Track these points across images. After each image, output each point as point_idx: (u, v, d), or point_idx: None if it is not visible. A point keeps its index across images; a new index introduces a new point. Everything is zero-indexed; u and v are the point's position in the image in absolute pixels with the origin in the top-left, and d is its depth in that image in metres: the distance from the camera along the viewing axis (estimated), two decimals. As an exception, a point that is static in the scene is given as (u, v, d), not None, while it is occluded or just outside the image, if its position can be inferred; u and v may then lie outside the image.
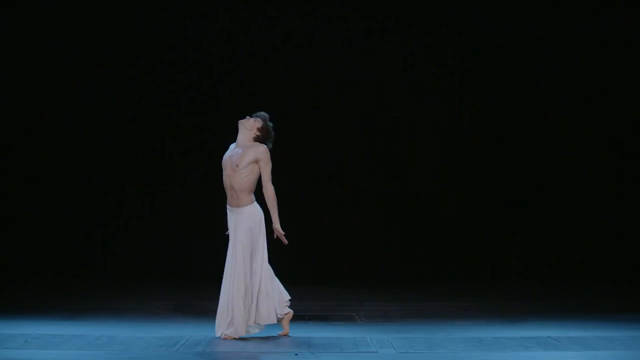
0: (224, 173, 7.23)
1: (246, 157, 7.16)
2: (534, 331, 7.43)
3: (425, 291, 10.81)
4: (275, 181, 7.33)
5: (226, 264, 7.15)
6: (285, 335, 7.30)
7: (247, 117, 7.35)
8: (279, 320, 7.27)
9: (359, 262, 12.38)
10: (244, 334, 7.02)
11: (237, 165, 7.14)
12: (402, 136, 12.58)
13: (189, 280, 11.46)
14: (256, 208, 7.22)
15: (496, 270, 12.39)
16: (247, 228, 7.12)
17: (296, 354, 6.41)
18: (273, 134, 7.35)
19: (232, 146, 7.34)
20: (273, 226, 7.26)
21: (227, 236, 7.27)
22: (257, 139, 7.28)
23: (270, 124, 7.35)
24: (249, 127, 7.29)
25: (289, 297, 7.32)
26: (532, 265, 12.42)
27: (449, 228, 12.48)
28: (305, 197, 12.36)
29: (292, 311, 7.37)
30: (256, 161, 7.18)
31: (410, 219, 12.51)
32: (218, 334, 7.06)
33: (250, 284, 7.07)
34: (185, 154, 12.39)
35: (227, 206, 7.26)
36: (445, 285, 11.41)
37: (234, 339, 6.98)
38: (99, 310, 8.75)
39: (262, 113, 7.40)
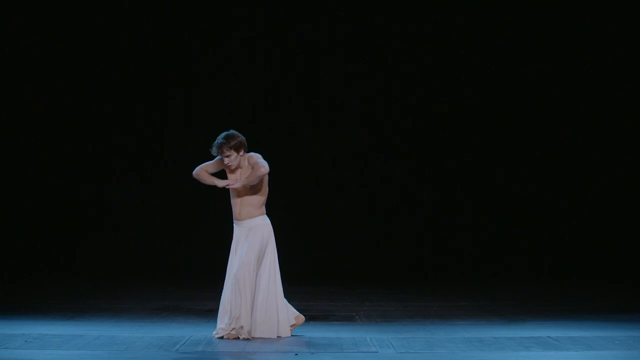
0: (233, 193, 7.15)
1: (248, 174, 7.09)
2: (534, 331, 7.43)
3: (425, 291, 10.80)
4: (276, 181, 7.31)
5: (230, 268, 7.10)
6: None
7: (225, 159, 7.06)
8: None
9: (359, 262, 12.38)
10: (248, 337, 6.99)
11: (249, 186, 7.07)
12: (402, 135, 12.59)
13: (189, 280, 11.46)
14: (267, 221, 7.19)
15: (496, 271, 12.40)
16: (259, 237, 7.06)
17: (296, 354, 6.40)
18: (241, 138, 7.08)
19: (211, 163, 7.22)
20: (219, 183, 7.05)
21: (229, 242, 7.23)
22: (244, 151, 7.12)
23: (230, 134, 7.07)
24: (236, 160, 7.09)
25: (294, 323, 7.28)
26: (533, 265, 12.43)
27: (449, 228, 12.49)
28: (305, 197, 12.38)
29: (303, 317, 7.35)
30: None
31: (411, 218, 12.52)
32: (218, 335, 7.04)
33: (256, 292, 7.04)
34: (185, 154, 12.39)
35: (235, 221, 7.20)
36: (445, 285, 11.40)
37: (238, 338, 6.97)
38: (99, 310, 8.74)
39: (218, 141, 7.08)
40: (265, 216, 7.19)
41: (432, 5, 12.46)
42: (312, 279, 11.45)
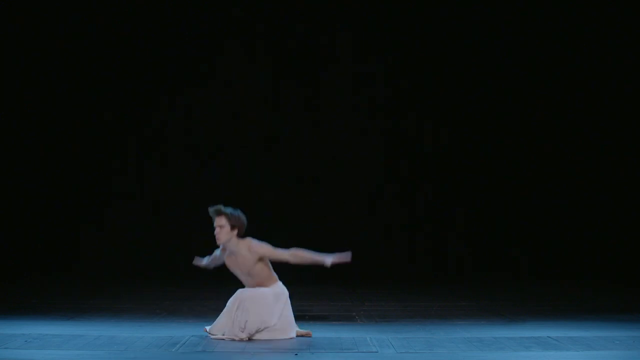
0: (235, 273, 7.10)
1: (248, 261, 6.99)
2: (533, 331, 7.43)
3: (425, 291, 10.80)
4: (276, 181, 7.31)
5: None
6: (309, 335, 7.23)
7: (218, 230, 6.98)
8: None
9: (359, 262, 12.36)
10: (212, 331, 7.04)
11: (249, 272, 7.01)
12: (402, 136, 12.60)
13: (189, 280, 11.46)
14: (280, 284, 7.13)
15: (496, 271, 12.41)
16: (271, 290, 7.04)
17: (296, 354, 6.40)
18: (243, 219, 7.02)
19: (218, 252, 7.16)
20: (326, 264, 7.09)
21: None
22: (238, 233, 7.05)
23: (235, 211, 7.03)
24: (225, 235, 7.00)
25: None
26: (533, 265, 12.43)
27: (449, 228, 12.49)
28: (305, 197, 12.38)
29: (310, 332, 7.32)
30: (259, 258, 6.99)
31: (411, 219, 12.53)
32: (214, 336, 7.10)
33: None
34: (185, 154, 12.40)
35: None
36: (445, 285, 11.40)
37: (206, 332, 7.03)
38: (99, 310, 8.74)
39: (220, 207, 7.03)
40: (279, 282, 7.11)
41: (432, 6, 12.46)
42: (312, 279, 11.44)
